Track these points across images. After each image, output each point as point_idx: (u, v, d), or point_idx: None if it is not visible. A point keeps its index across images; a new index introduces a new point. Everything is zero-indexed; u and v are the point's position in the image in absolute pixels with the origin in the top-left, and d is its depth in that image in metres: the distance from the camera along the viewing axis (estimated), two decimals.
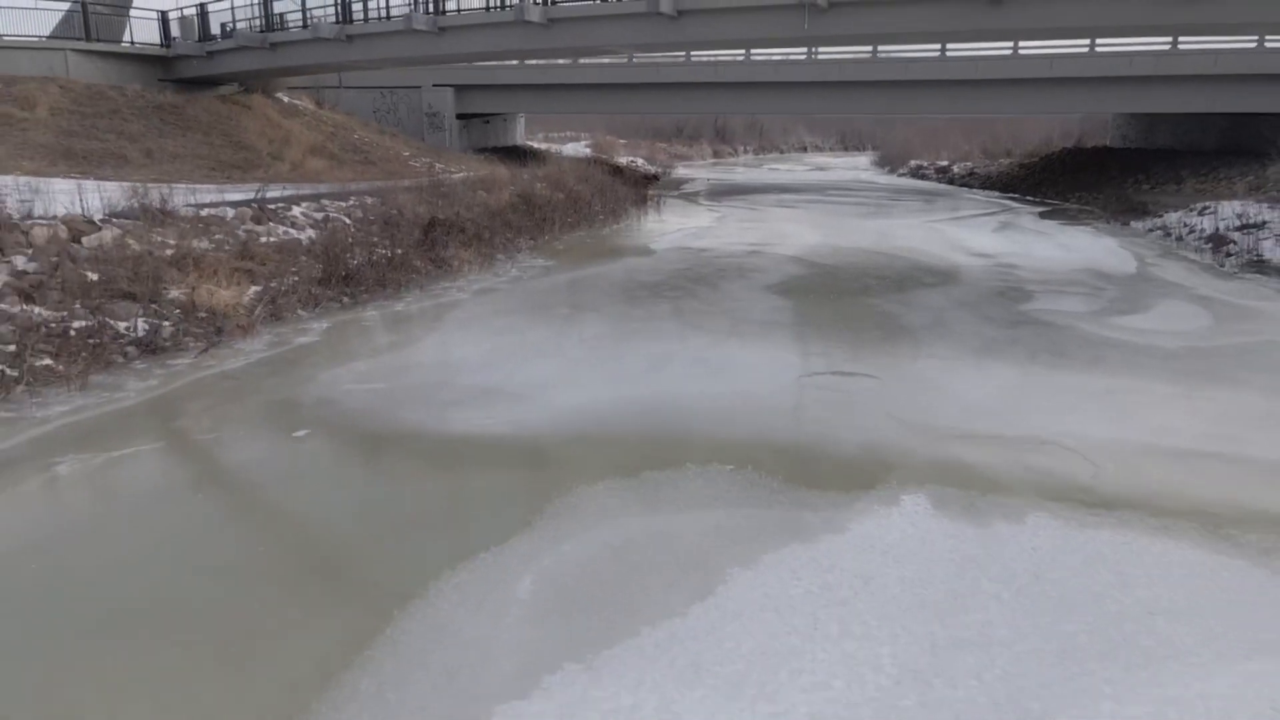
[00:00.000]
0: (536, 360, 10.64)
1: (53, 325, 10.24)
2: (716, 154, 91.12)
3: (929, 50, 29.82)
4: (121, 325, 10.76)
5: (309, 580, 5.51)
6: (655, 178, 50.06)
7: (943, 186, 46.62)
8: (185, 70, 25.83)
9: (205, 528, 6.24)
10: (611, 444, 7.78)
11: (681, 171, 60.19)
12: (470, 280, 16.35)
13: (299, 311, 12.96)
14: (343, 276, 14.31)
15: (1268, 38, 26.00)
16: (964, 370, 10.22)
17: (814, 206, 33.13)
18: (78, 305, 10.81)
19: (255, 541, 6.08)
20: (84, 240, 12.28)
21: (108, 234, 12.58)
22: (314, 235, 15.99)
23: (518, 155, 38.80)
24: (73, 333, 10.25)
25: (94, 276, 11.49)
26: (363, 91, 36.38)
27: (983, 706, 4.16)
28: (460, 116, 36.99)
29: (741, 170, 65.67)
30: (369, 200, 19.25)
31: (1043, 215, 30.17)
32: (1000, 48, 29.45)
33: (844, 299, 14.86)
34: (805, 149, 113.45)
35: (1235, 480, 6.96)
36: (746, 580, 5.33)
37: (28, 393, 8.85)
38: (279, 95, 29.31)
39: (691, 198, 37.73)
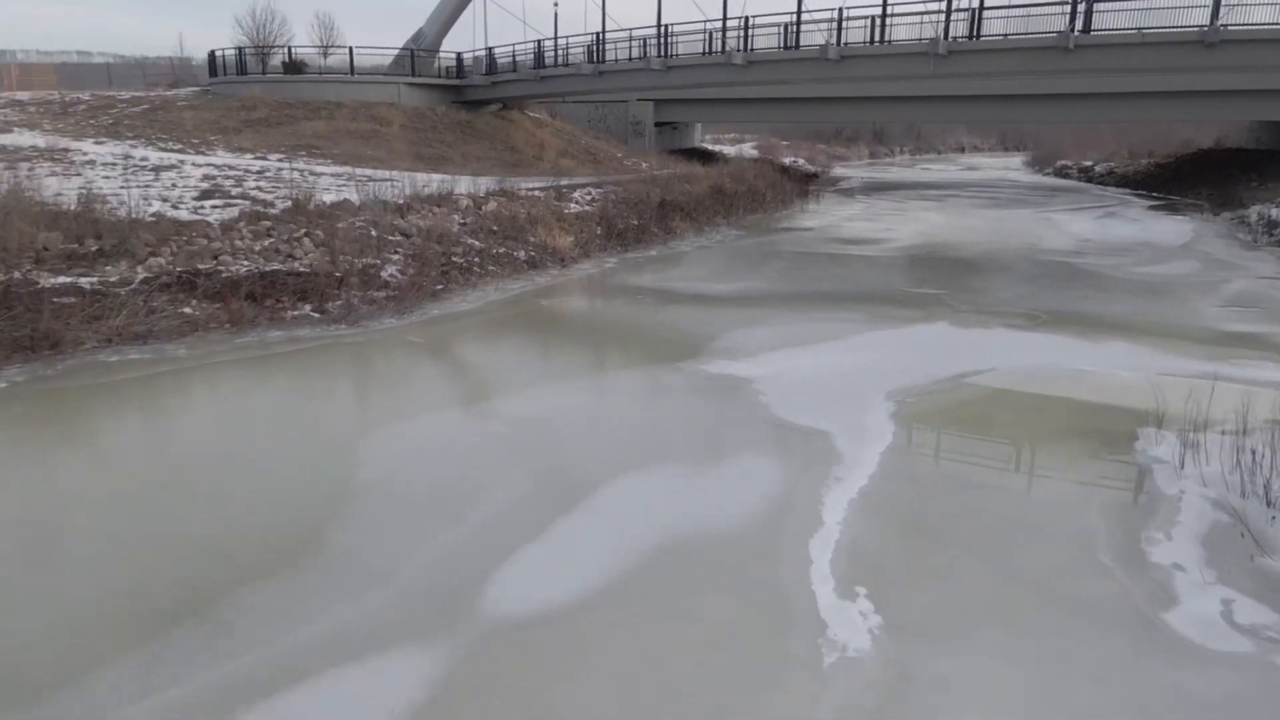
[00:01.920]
0: (743, 279, 18.66)
1: (482, 249, 19.15)
2: (872, 155, 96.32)
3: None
4: (517, 254, 19.62)
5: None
6: (815, 176, 57.03)
7: (1080, 184, 51.24)
8: (471, 95, 35.60)
9: (618, 315, 14.60)
10: (788, 300, 15.65)
11: (838, 171, 66.66)
12: (688, 241, 24.60)
13: (597, 254, 21.56)
14: (617, 234, 22.88)
15: None
16: (1005, 286, 17.45)
17: (949, 200, 39.53)
18: (490, 242, 19.73)
19: (638, 313, 14.37)
20: (483, 208, 21.33)
21: (493, 203, 21.60)
22: (590, 209, 24.65)
23: (698, 155, 47.05)
24: (496, 253, 19.15)
25: (495, 228, 20.45)
26: (579, 106, 45.56)
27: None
28: (656, 125, 45.55)
29: (895, 170, 71.33)
30: (612, 188, 27.86)
31: (1151, 208, 35.39)
32: None
33: (946, 256, 22.09)
34: (963, 150, 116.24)
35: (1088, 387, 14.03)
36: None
37: (488, 280, 17.69)
38: (529, 112, 38.78)
39: (846, 192, 44.77)
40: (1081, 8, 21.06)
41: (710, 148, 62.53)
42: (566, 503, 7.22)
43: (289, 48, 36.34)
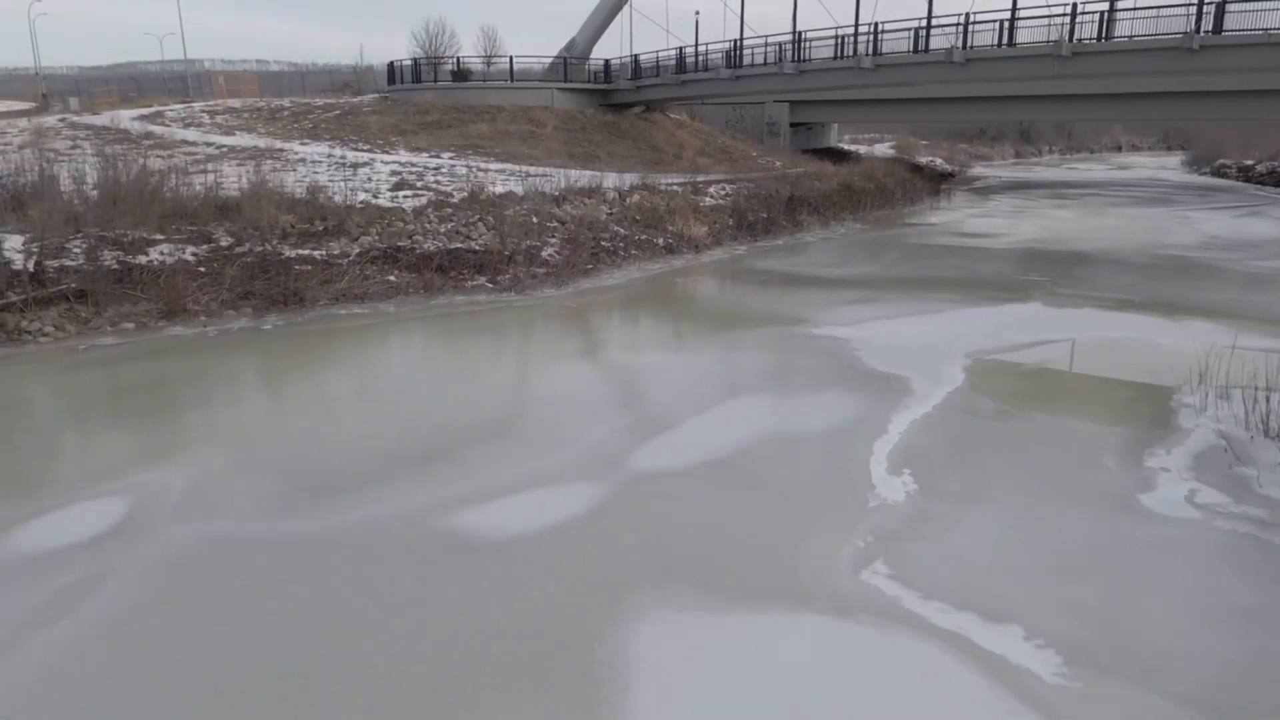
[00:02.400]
0: (858, 265, 20.49)
1: (626, 234, 21.75)
2: (1019, 154, 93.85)
3: None
4: (657, 240, 22.15)
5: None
6: (950, 175, 57.13)
7: (1236, 184, 49.32)
8: (617, 98, 38.53)
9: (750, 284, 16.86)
10: (896, 283, 17.42)
11: (978, 170, 66.14)
12: (814, 234, 26.48)
13: (728, 242, 23.83)
14: (746, 226, 25.08)
15: None
16: (1110, 276, 18.58)
17: (1084, 199, 39.43)
18: (633, 229, 22.33)
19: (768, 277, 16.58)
20: (626, 200, 24.00)
21: (636, 196, 24.25)
22: (723, 203, 26.93)
23: (833, 155, 48.33)
24: (638, 239, 21.73)
25: (637, 217, 23.06)
26: (718, 108, 47.80)
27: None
28: (791, 125, 47.23)
29: (1038, 170, 69.93)
30: (745, 184, 30.01)
31: None
32: None
33: (1060, 249, 23.09)
34: (1120, 149, 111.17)
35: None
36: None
37: (631, 262, 20.25)
38: (670, 113, 41.41)
39: (979, 191, 45.13)
40: (1209, 9, 21.62)
41: (847, 147, 63.42)
42: (693, 412, 9.60)
43: (457, 58, 40.44)
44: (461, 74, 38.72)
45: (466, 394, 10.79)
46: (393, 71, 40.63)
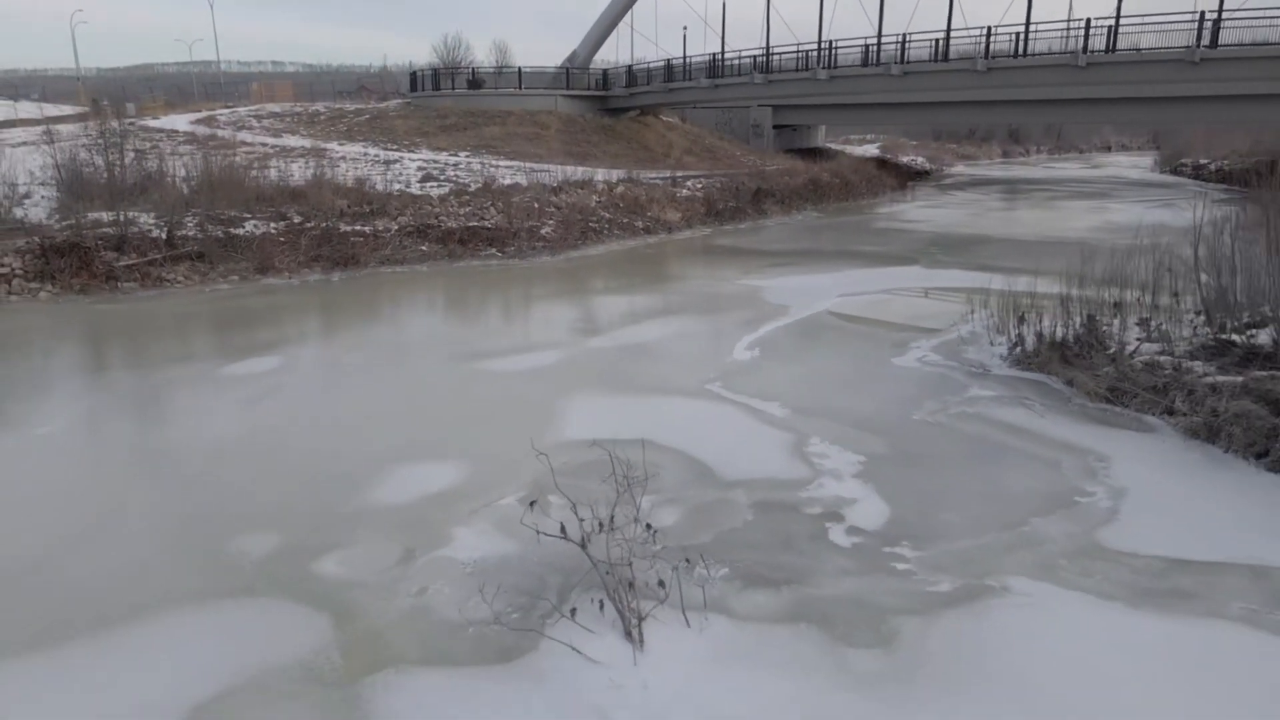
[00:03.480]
0: (798, 243, 25.26)
1: (610, 218, 26.58)
2: (1006, 154, 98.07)
3: None
4: (636, 223, 26.99)
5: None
6: (926, 173, 61.66)
7: (1185, 181, 53.74)
8: (613, 103, 43.39)
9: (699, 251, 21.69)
10: (820, 255, 22.18)
11: (958, 169, 70.60)
12: (774, 220, 31.27)
13: (698, 225, 28.64)
14: (716, 213, 29.89)
15: None
16: (982, 252, 23.26)
17: (1032, 194, 44.03)
18: (617, 214, 27.16)
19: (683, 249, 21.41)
20: (613, 190, 28.87)
21: (621, 187, 29.11)
22: (697, 194, 31.73)
23: (817, 154, 52.96)
24: (621, 221, 26.56)
25: (621, 204, 27.91)
26: (709, 111, 52.51)
27: None
28: (775, 127, 51.92)
29: (1016, 168, 74.33)
30: (720, 179, 34.81)
31: (1217, 201, 38.85)
32: None
33: (965, 235, 27.78)
34: (1109, 149, 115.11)
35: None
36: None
37: (613, 239, 25.11)
38: (662, 116, 46.24)
39: (943, 187, 49.73)
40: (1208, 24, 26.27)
41: (835, 147, 67.93)
42: (631, 322, 14.45)
43: (472, 69, 45.41)
44: (476, 83, 43.66)
45: (478, 313, 15.71)
46: (415, 80, 45.63)
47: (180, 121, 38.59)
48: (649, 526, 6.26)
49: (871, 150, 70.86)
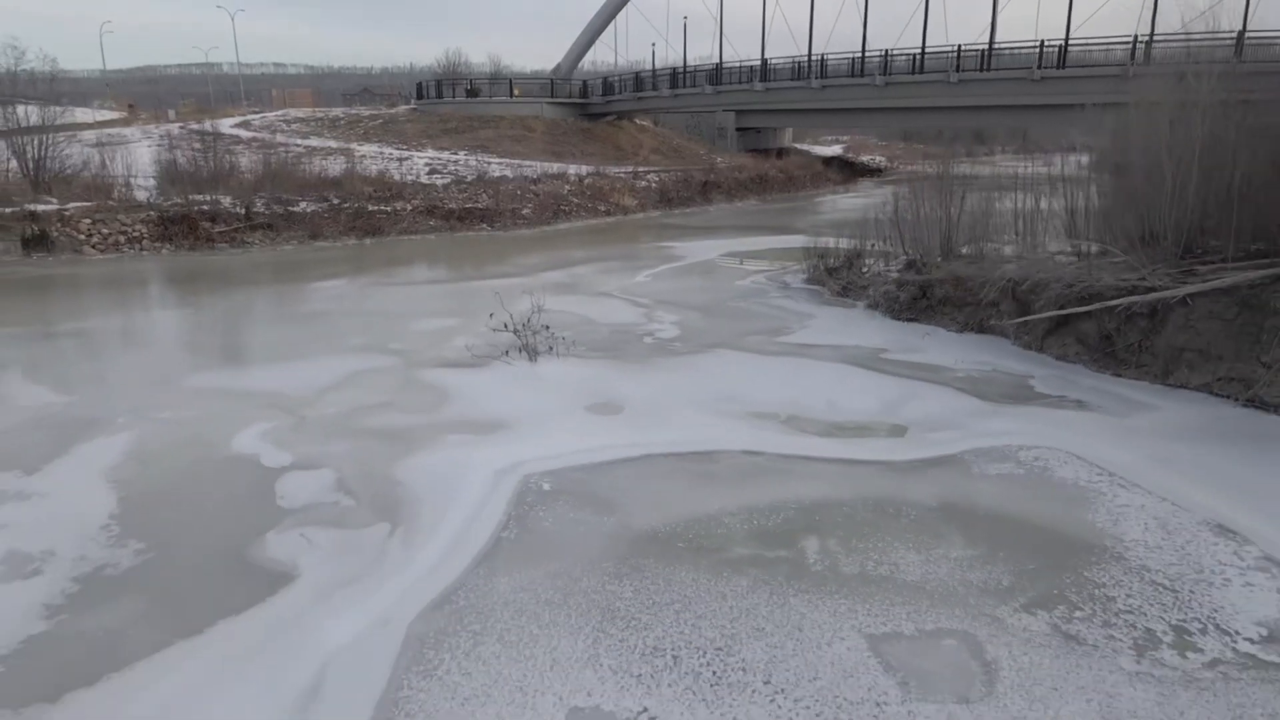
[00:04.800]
0: (726, 221, 32.16)
1: (579, 203, 33.45)
2: (970, 154, 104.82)
3: None
4: (599, 206, 33.89)
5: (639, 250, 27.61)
6: (879, 170, 68.46)
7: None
8: (591, 109, 50.28)
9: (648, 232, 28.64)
10: (736, 228, 29.05)
11: (914, 167, 77.34)
12: (719, 207, 38.17)
13: (650, 210, 35.54)
14: (668, 200, 36.79)
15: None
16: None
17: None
18: (584, 200, 34.05)
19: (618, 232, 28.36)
20: (583, 182, 35.78)
21: (589, 179, 36.02)
22: (654, 185, 38.60)
23: (780, 154, 59.91)
24: (587, 206, 33.45)
25: (588, 192, 34.81)
26: (680, 115, 59.39)
27: None
28: (739, 129, 58.77)
29: (961, 167, 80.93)
30: (677, 173, 41.70)
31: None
32: None
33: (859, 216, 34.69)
34: (1074, 149, 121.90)
35: None
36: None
37: (579, 218, 32.04)
38: (635, 120, 53.14)
39: (884, 182, 56.57)
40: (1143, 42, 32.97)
41: (801, 146, 74.95)
42: (569, 265, 21.37)
43: (469, 80, 52.28)
44: (473, 91, 50.46)
45: (470, 261, 22.61)
46: (420, 89, 52.51)
47: (224, 125, 45.44)
48: (546, 327, 13.16)
49: (835, 150, 77.83)
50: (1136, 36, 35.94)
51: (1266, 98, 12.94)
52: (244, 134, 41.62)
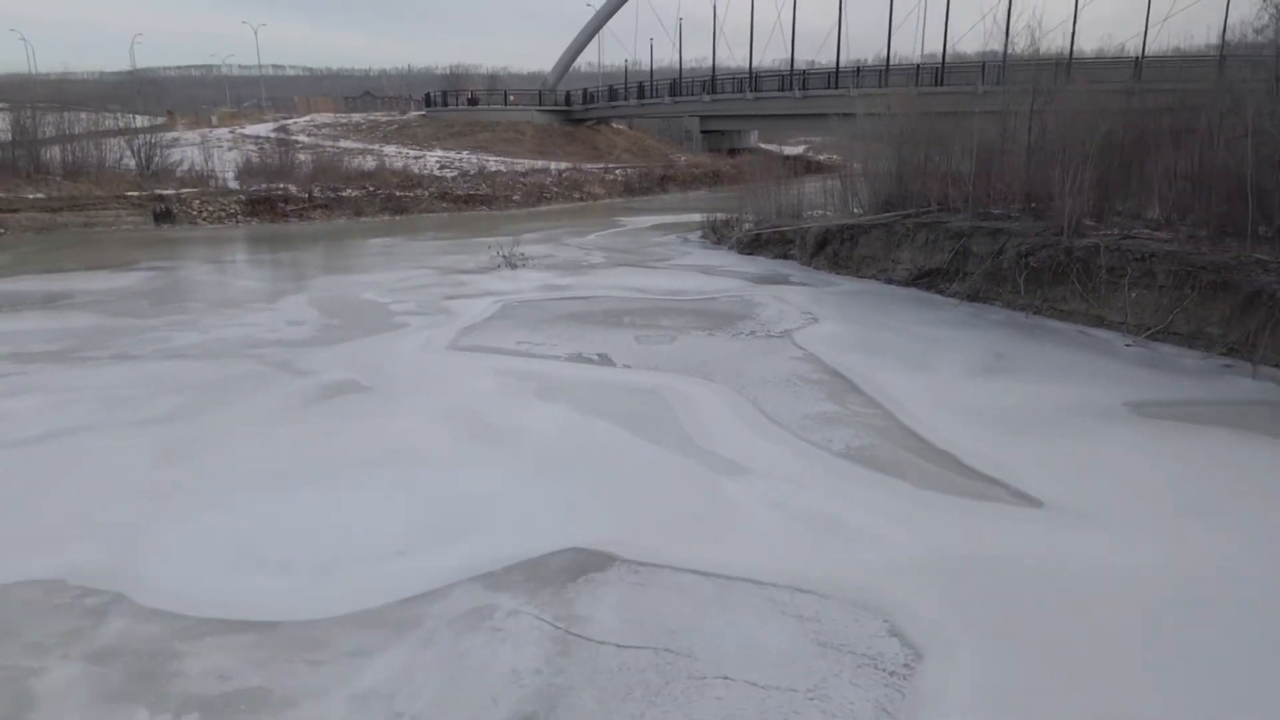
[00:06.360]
0: (672, 205, 41.33)
1: (558, 191, 42.57)
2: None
3: None
4: (574, 195, 43.05)
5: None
6: (828, 167, 77.44)
7: None
8: (574, 115, 59.40)
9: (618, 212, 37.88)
10: (675, 208, 38.24)
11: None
12: (673, 196, 47.34)
13: (616, 198, 44.69)
14: (631, 190, 45.94)
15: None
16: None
17: None
18: (562, 189, 43.18)
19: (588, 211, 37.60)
20: (562, 175, 44.90)
21: (567, 173, 45.15)
22: (620, 179, 47.68)
23: (735, 152, 69.05)
24: (565, 194, 42.58)
25: (566, 183, 43.95)
26: (653, 120, 68.59)
27: None
28: (704, 131, 67.87)
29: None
30: (642, 169, 50.80)
31: None
32: None
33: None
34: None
35: None
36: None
37: (558, 202, 41.23)
38: (613, 125, 62.27)
39: (825, 177, 65.77)
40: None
41: (766, 146, 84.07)
42: (553, 229, 30.56)
43: (471, 90, 61.43)
44: (474, 100, 59.54)
45: (474, 229, 31.80)
46: (429, 98, 61.65)
47: (263, 129, 54.51)
48: (522, 255, 22.31)
49: (798, 150, 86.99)
50: (984, 64, 45.20)
51: (938, 110, 22.17)
52: (282, 137, 50.73)
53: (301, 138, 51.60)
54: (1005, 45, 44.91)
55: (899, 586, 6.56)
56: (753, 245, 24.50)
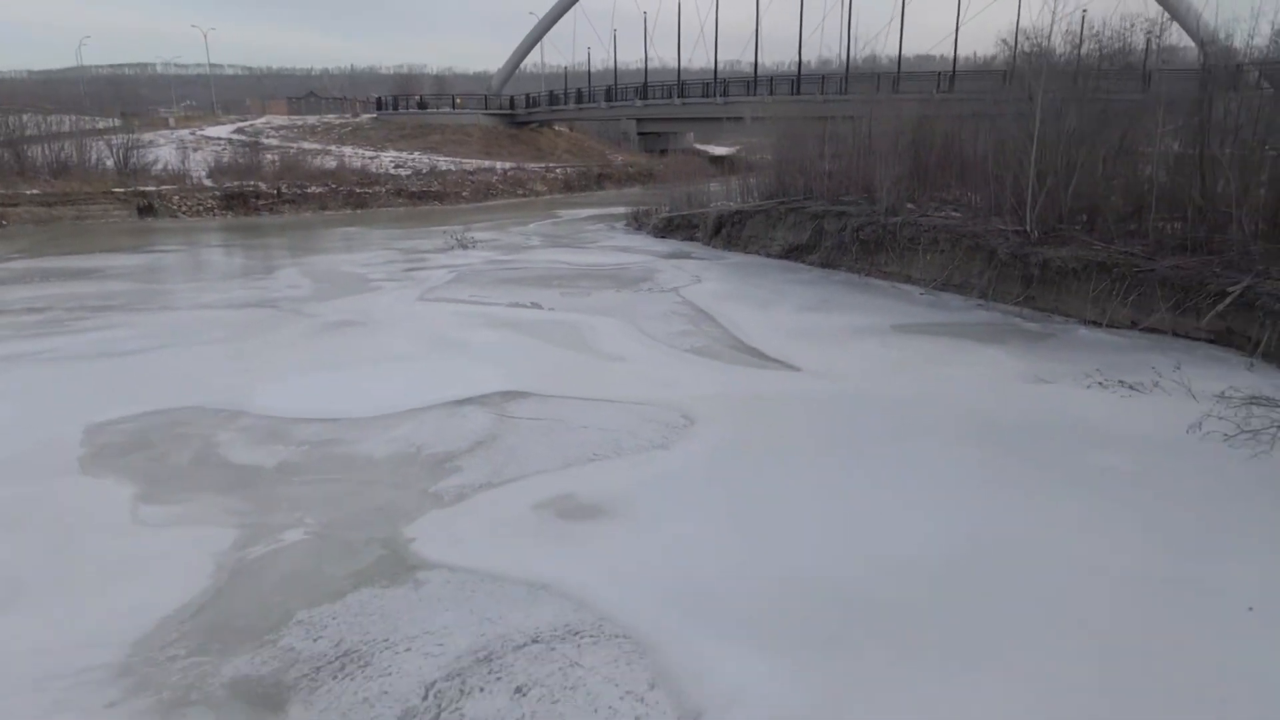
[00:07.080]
0: (604, 200, 46.10)
1: (504, 188, 47.02)
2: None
3: None
4: (518, 191, 47.60)
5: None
6: (758, 166, 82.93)
7: None
8: (518, 118, 63.78)
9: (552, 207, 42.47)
10: (607, 201, 43.02)
11: None
12: (609, 191, 52.07)
13: (556, 194, 49.29)
14: (570, 187, 50.56)
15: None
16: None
17: None
18: (506, 186, 47.64)
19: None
20: (506, 173, 49.35)
21: (513, 172, 49.61)
22: (560, 176, 52.26)
23: (666, 152, 74.09)
24: (510, 190, 47.03)
25: (510, 180, 48.41)
26: (592, 123, 73.23)
27: None
28: (640, 134, 72.68)
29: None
30: (581, 168, 55.42)
31: None
32: None
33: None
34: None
35: None
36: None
37: (503, 198, 45.77)
38: (555, 127, 66.78)
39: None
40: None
41: (700, 147, 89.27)
42: (498, 220, 35.09)
43: (420, 95, 65.38)
44: (423, 104, 63.53)
45: (427, 220, 36.18)
46: (380, 102, 65.44)
47: (223, 131, 57.87)
48: (472, 238, 26.85)
49: (728, 150, 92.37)
50: (940, 75, 50.89)
51: (827, 114, 27.33)
52: (241, 139, 54.30)
53: (258, 139, 55.19)
54: (847, 59, 50.91)
55: (696, 402, 11.38)
56: (665, 229, 29.36)
